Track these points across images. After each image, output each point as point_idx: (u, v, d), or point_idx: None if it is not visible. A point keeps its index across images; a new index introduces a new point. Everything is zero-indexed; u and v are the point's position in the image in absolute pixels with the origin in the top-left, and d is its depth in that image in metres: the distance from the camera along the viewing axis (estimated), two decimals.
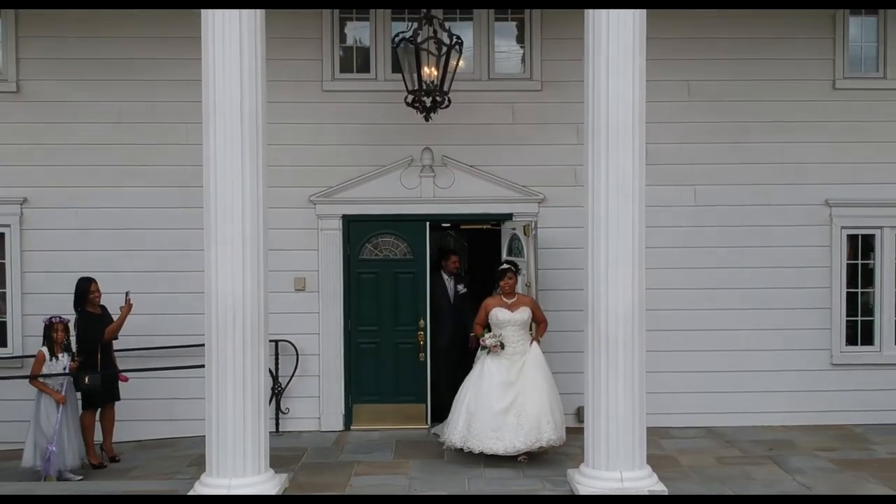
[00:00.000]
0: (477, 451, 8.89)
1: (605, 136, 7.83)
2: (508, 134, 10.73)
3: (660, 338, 10.37)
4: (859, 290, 10.94)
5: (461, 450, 9.01)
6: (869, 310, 10.96)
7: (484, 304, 9.37)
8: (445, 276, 11.16)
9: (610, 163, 7.83)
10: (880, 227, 10.87)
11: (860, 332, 10.96)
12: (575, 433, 9.14)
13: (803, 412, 10.73)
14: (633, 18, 7.90)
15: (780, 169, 10.76)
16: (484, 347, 9.15)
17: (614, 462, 7.90)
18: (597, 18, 7.92)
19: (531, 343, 9.24)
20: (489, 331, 9.20)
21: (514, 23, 11.00)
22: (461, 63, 10.08)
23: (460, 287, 11.19)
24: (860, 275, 10.96)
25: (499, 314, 9.15)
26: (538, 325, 9.40)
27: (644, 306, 8.05)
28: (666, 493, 7.87)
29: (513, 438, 8.80)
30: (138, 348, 10.24)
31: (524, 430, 8.81)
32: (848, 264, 10.90)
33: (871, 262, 10.94)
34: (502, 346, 9.06)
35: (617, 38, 7.87)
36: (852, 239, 10.91)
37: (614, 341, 7.87)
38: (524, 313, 9.19)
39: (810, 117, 10.76)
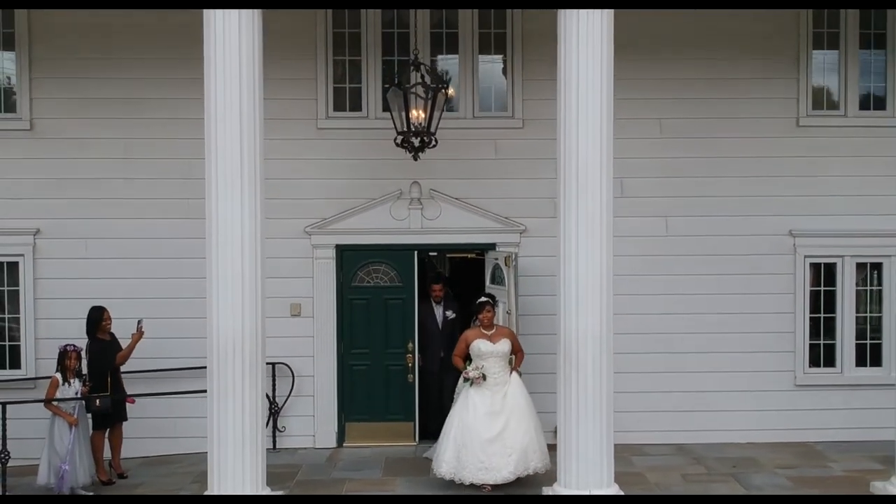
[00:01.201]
0: (468, 483, 9.26)
1: (574, 182, 8.51)
2: (492, 168, 11.42)
3: (635, 360, 11.18)
4: (822, 315, 11.62)
5: (451, 481, 9.35)
6: (831, 334, 11.63)
7: (463, 336, 9.81)
8: (434, 303, 11.63)
9: (580, 206, 8.50)
10: (841, 257, 11.54)
11: (823, 354, 11.64)
12: (553, 451, 9.73)
13: (768, 430, 11.40)
14: (601, 79, 8.58)
15: (747, 201, 11.44)
16: (467, 379, 9.54)
17: (584, 481, 8.53)
18: (567, 77, 8.58)
19: (511, 373, 9.63)
20: (470, 362, 9.63)
21: (498, 56, 11.64)
22: (449, 97, 10.80)
23: (449, 313, 11.59)
24: (822, 301, 11.64)
25: (481, 346, 9.56)
26: (516, 355, 9.82)
27: (611, 337, 8.69)
28: None
29: (502, 467, 9.17)
30: (144, 370, 10.88)
31: (513, 459, 9.20)
32: (811, 291, 11.59)
33: (833, 288, 11.62)
34: (484, 378, 9.43)
35: (586, 97, 8.53)
36: (815, 267, 11.60)
37: (584, 369, 8.53)
38: (505, 345, 9.60)
39: (775, 153, 11.45)
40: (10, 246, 11.20)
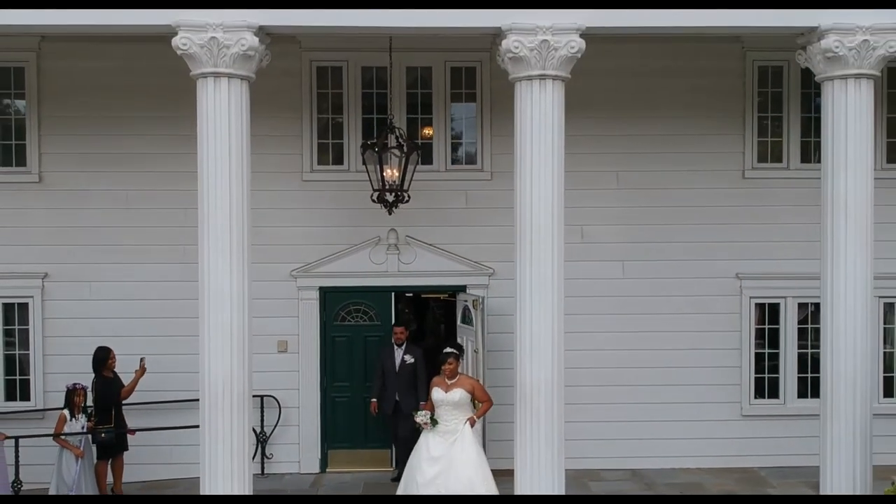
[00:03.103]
0: None
1: (529, 248, 9.54)
2: (463, 216, 12.42)
3: (594, 392, 12.24)
4: (766, 350, 12.62)
5: None
6: (775, 368, 12.63)
7: (431, 382, 10.48)
8: (395, 346, 11.99)
9: (534, 268, 9.49)
10: (784, 297, 12.54)
11: (767, 387, 12.64)
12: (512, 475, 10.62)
13: (717, 456, 12.41)
14: (552, 143, 9.51)
15: (697, 247, 12.44)
16: (417, 424, 10.24)
17: None
18: (522, 140, 9.58)
19: (465, 422, 10.03)
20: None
21: (470, 113, 12.67)
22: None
23: (407, 357, 11.90)
24: (767, 337, 12.64)
25: (434, 394, 10.13)
26: (482, 405, 10.30)
27: (562, 383, 9.60)
28: None
29: None
30: (144, 402, 11.82)
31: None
32: (756, 328, 12.59)
33: (777, 326, 12.62)
34: (434, 424, 10.02)
35: (539, 158, 9.51)
36: (760, 307, 12.60)
37: (537, 414, 9.48)
38: (457, 394, 10.03)
39: (723, 202, 12.44)
40: (21, 288, 12.20)
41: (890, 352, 12.74)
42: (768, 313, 12.64)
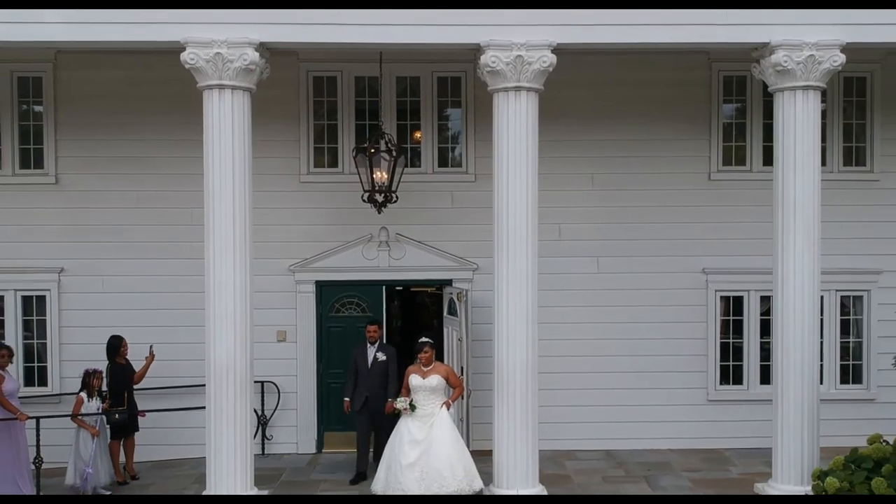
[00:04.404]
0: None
1: (506, 244, 10.56)
2: (450, 215, 13.35)
3: (571, 378, 13.17)
4: (731, 340, 13.55)
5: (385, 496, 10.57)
6: (739, 356, 13.56)
7: (406, 371, 11.11)
8: (368, 344, 12.18)
9: (510, 263, 10.48)
10: (747, 291, 13.46)
11: (732, 373, 13.57)
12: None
13: (684, 438, 13.36)
14: (527, 149, 10.50)
15: (666, 244, 13.36)
16: (395, 409, 10.93)
17: (513, 483, 10.52)
18: (500, 147, 10.56)
19: (441, 406, 10.75)
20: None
21: (455, 120, 13.60)
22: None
23: (379, 354, 12.08)
24: (731, 328, 13.57)
25: (412, 380, 10.84)
26: (454, 390, 11.04)
27: (536, 367, 10.61)
28: None
29: (415, 490, 10.33)
30: (154, 387, 12.73)
31: (425, 484, 10.33)
32: (721, 320, 13.52)
33: (741, 318, 13.54)
34: (413, 409, 10.69)
35: (516, 162, 10.52)
36: (725, 299, 13.52)
37: (512, 396, 10.46)
38: (434, 380, 10.77)
39: (690, 202, 13.36)
40: (39, 282, 13.15)
41: (847, 342, 13.62)
42: (733, 305, 13.55)
